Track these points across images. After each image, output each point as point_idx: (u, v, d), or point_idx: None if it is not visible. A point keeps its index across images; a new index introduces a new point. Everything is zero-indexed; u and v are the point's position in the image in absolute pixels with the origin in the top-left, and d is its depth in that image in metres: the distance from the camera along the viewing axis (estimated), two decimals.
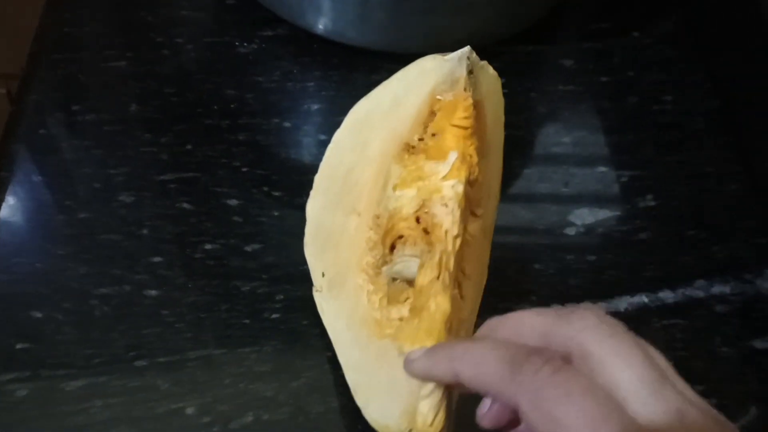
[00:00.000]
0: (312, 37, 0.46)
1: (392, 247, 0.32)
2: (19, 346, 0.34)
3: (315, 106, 0.45)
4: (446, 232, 0.30)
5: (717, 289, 0.39)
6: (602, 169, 0.44)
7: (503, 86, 0.46)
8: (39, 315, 0.35)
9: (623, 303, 0.38)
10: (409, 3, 0.42)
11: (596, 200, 0.42)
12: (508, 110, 0.45)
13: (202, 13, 0.48)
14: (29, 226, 0.38)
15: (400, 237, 0.32)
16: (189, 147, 0.42)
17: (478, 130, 0.33)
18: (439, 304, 0.29)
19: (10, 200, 0.39)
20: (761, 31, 0.47)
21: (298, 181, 0.41)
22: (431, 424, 0.27)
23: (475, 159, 0.32)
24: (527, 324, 0.25)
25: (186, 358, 0.35)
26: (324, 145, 0.43)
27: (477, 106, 0.33)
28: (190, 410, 0.33)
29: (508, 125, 0.45)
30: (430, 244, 0.31)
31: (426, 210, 0.31)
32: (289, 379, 0.34)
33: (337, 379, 0.34)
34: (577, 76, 0.48)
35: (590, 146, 0.45)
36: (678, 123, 0.46)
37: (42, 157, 0.41)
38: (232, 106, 0.44)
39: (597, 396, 0.21)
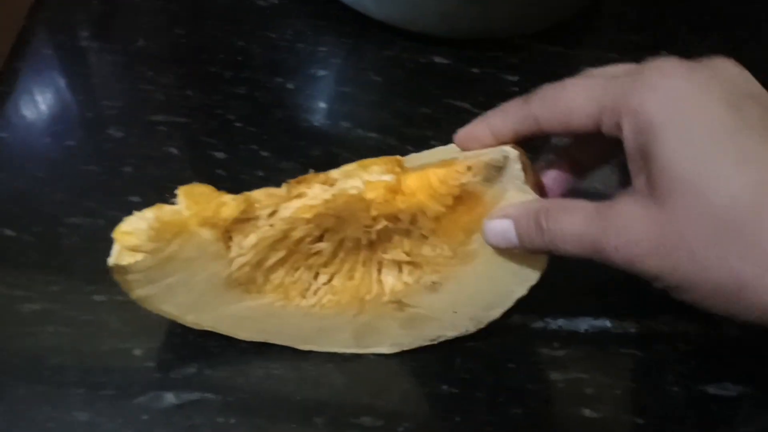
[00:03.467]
0: (331, 1, 0.46)
1: None
2: None
3: (321, 72, 0.44)
4: None
5: (682, 326, 0.39)
6: (596, 184, 0.43)
7: (516, 83, 0.46)
8: (10, 233, 0.36)
9: (584, 324, 0.38)
10: None
11: None
12: None
13: None
14: (16, 144, 0.39)
15: None
16: (188, 92, 0.42)
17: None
18: None
19: (3, 116, 0.39)
20: None
21: (288, 144, 0.41)
22: None
23: None
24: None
25: None
26: (322, 113, 0.44)
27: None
28: (137, 352, 0.34)
29: None
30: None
31: None
32: (238, 340, 0.35)
33: (284, 346, 0.35)
34: None
35: None
36: None
37: (42, 79, 0.41)
38: (238, 58, 0.44)
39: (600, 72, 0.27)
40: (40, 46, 0.42)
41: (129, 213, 0.37)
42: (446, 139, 0.42)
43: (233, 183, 0.39)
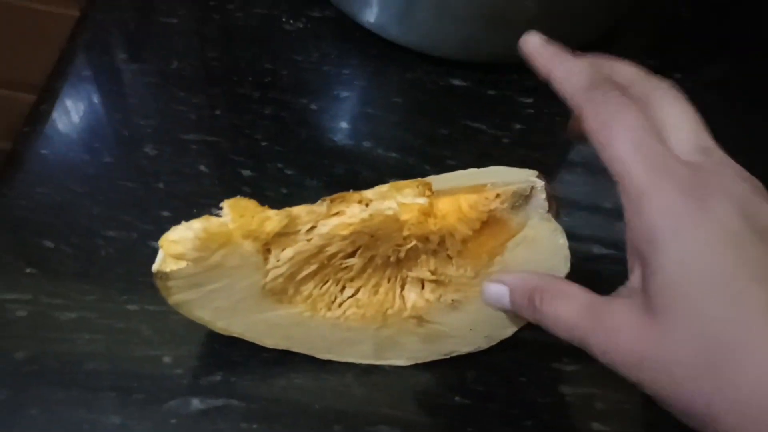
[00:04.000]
0: (356, 25, 0.47)
1: None
2: (27, 270, 0.37)
3: (344, 94, 0.46)
4: None
5: None
6: (608, 206, 0.44)
7: (530, 105, 0.47)
8: (50, 245, 0.38)
9: None
10: (450, 10, 0.42)
11: (595, 236, 0.43)
12: (530, 129, 0.46)
13: None
14: (56, 160, 0.41)
15: None
16: (217, 112, 0.44)
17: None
18: None
19: (44, 133, 0.42)
20: None
21: (312, 163, 0.43)
22: None
23: None
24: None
25: (172, 310, 0.37)
26: (345, 133, 0.45)
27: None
28: (166, 359, 0.36)
29: (526, 145, 0.46)
30: None
31: None
32: (260, 349, 0.36)
33: (305, 356, 0.36)
34: None
35: (603, 182, 0.45)
36: None
37: (81, 98, 0.43)
38: (266, 79, 0.46)
39: (645, 126, 0.26)
40: (80, 67, 0.45)
41: (160, 227, 0.39)
42: (463, 159, 0.44)
43: (258, 199, 0.41)
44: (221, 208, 0.31)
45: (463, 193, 0.33)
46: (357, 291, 0.35)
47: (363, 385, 0.36)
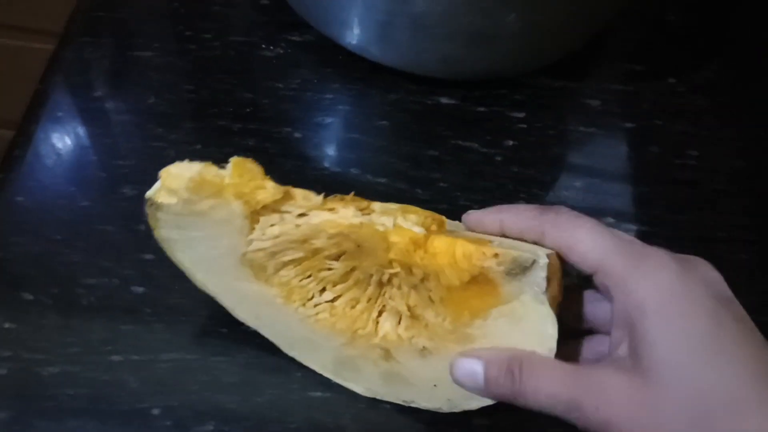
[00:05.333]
0: (337, 48, 0.46)
1: None
2: (6, 325, 0.36)
3: (328, 120, 0.45)
4: None
5: None
6: (610, 220, 0.43)
7: (522, 119, 0.46)
8: (29, 297, 0.37)
9: None
10: (430, 29, 0.41)
11: None
12: (523, 145, 0.45)
13: (234, 9, 0.49)
14: (32, 207, 0.40)
15: None
16: (198, 147, 0.42)
17: None
18: None
19: (18, 180, 0.40)
20: None
21: None
22: None
23: None
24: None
25: (158, 359, 0.35)
26: (330, 160, 0.44)
27: None
28: (155, 411, 0.34)
29: (519, 162, 0.44)
30: None
31: None
32: (253, 393, 0.35)
33: (300, 399, 0.35)
34: (600, 119, 0.47)
35: (601, 194, 0.44)
36: (697, 180, 0.45)
37: (56, 141, 0.42)
38: (247, 110, 0.44)
39: (603, 226, 0.29)
40: (52, 108, 0.43)
41: (142, 271, 0.38)
42: (454, 180, 0.43)
43: None
44: (228, 162, 0.31)
45: (462, 240, 0.31)
46: (336, 299, 0.34)
47: (360, 425, 0.34)
